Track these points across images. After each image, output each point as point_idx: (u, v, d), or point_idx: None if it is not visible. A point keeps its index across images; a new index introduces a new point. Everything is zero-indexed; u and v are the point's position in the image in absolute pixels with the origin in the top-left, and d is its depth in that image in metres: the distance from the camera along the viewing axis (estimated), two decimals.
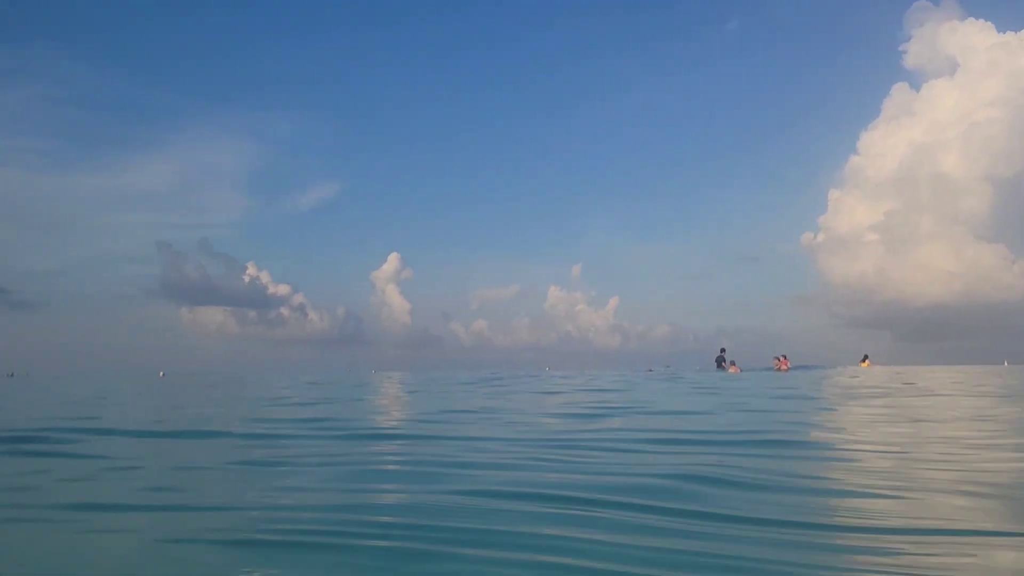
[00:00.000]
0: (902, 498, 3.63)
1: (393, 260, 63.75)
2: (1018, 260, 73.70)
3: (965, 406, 9.86)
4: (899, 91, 75.87)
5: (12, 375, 59.41)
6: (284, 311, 65.07)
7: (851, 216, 75.56)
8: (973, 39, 70.95)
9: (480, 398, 12.72)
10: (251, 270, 64.82)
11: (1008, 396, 12.04)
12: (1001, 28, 70.15)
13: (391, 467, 4.80)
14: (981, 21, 71.01)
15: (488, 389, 16.43)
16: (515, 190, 76.28)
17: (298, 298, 65.89)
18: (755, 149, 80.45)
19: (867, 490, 3.81)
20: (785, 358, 35.31)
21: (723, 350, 38.14)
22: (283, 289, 65.82)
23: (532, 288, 71.69)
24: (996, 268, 72.52)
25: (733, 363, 36.08)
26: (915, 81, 76.17)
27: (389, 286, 63.50)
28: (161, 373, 58.50)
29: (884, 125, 75.78)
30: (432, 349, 67.86)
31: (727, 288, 73.26)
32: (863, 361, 42.38)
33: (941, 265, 71.48)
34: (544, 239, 74.86)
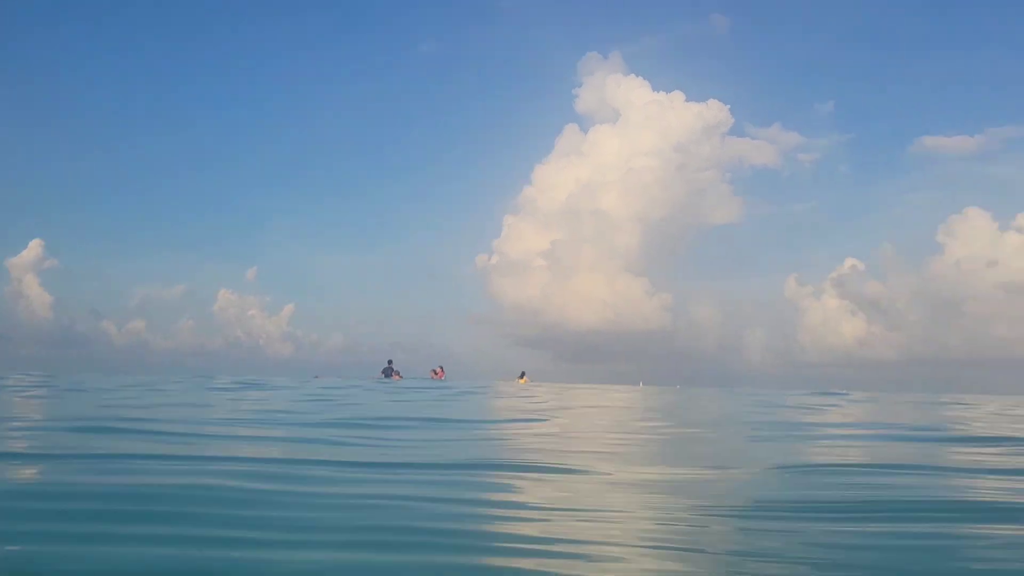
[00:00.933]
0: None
1: (35, 247, 56.84)
2: (657, 293, 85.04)
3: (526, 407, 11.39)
4: (570, 131, 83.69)
5: None
6: None
7: (522, 242, 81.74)
8: (633, 94, 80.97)
9: None
10: None
11: (556, 408, 14.13)
12: (656, 87, 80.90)
13: None
14: (640, 79, 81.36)
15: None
16: (185, 183, 71.31)
17: None
18: (442, 170, 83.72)
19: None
20: (442, 369, 38.56)
21: (390, 361, 41.29)
22: None
23: (200, 289, 67.64)
24: (640, 299, 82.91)
25: (398, 372, 39.53)
26: (584, 124, 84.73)
27: (27, 276, 56.56)
28: None
29: (556, 160, 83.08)
30: (78, 349, 61.20)
31: (407, 303, 75.10)
32: (520, 377, 45.55)
33: (597, 293, 79.82)
34: (218, 238, 70.88)
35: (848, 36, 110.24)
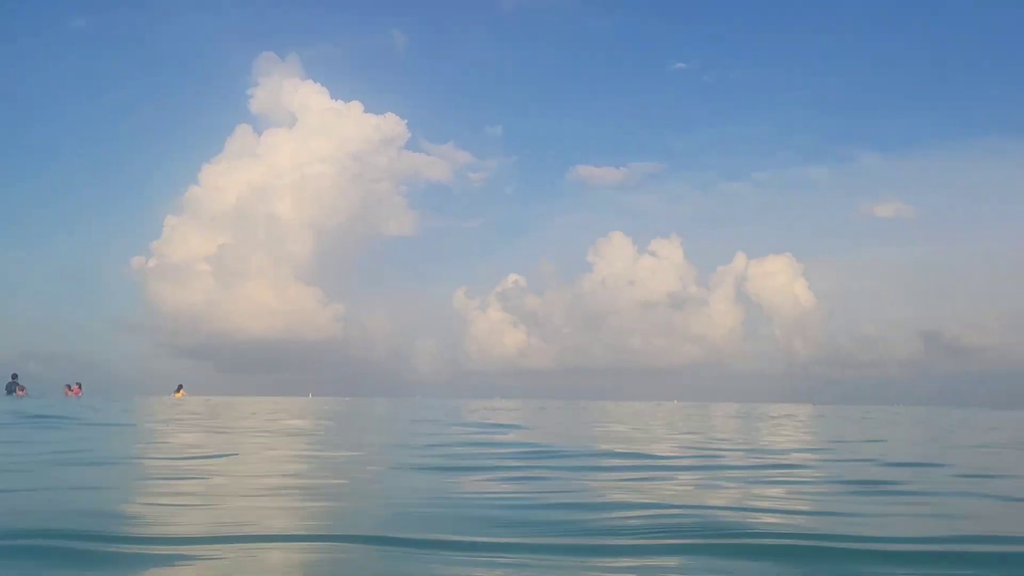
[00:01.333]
0: None
1: None
2: (331, 303, 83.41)
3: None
4: (243, 132, 79.54)
5: None
6: None
7: (186, 245, 75.69)
8: (310, 99, 78.66)
9: None
10: None
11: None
12: (335, 95, 79.55)
13: None
14: (318, 85, 79.44)
15: None
16: None
17: None
18: (92, 161, 75.07)
19: None
20: (78, 386, 36.51)
21: (15, 375, 38.38)
22: None
23: None
24: (312, 309, 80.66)
25: (22, 387, 36.54)
26: (258, 126, 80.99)
27: None
28: None
29: (226, 161, 78.35)
30: None
31: (44, 308, 65.99)
32: (177, 391, 42.06)
33: (266, 301, 76.35)
34: None
35: (518, 66, 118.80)
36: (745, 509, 4.73)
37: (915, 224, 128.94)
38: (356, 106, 79.92)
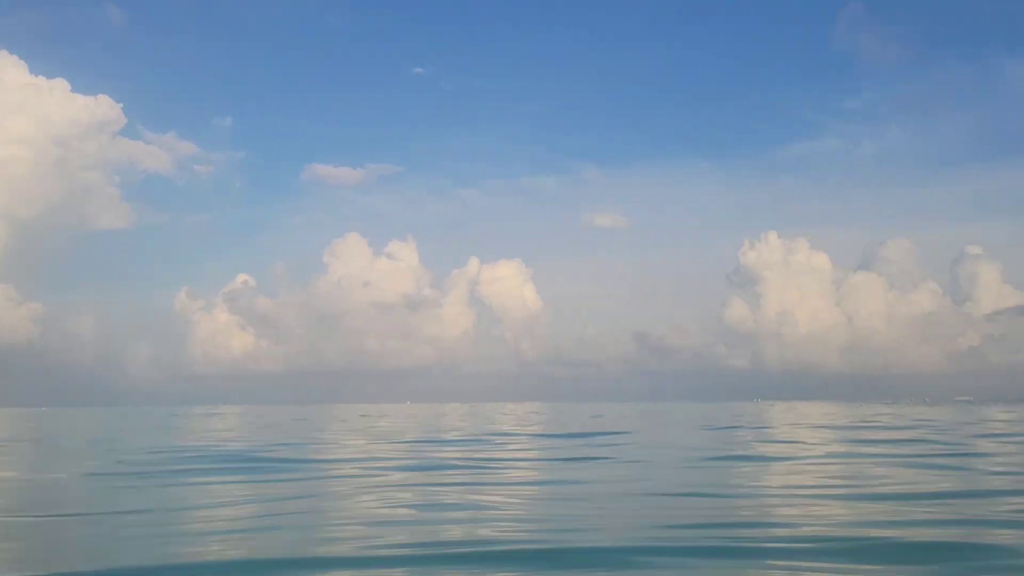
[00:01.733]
0: None
1: None
2: (25, 302, 73.82)
3: None
4: None
5: None
6: None
7: None
8: (5, 73, 69.16)
9: None
10: None
11: None
12: (35, 70, 70.64)
13: None
14: (15, 57, 70.01)
15: None
16: None
17: None
18: None
19: None
20: None
21: None
22: None
23: None
24: (2, 308, 70.94)
25: None
26: None
27: None
28: None
29: None
30: None
31: None
32: None
33: None
34: None
35: (251, 56, 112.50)
36: None
37: (629, 234, 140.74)
38: (61, 84, 71.56)
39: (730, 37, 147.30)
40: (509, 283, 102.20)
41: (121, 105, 73.73)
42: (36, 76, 69.71)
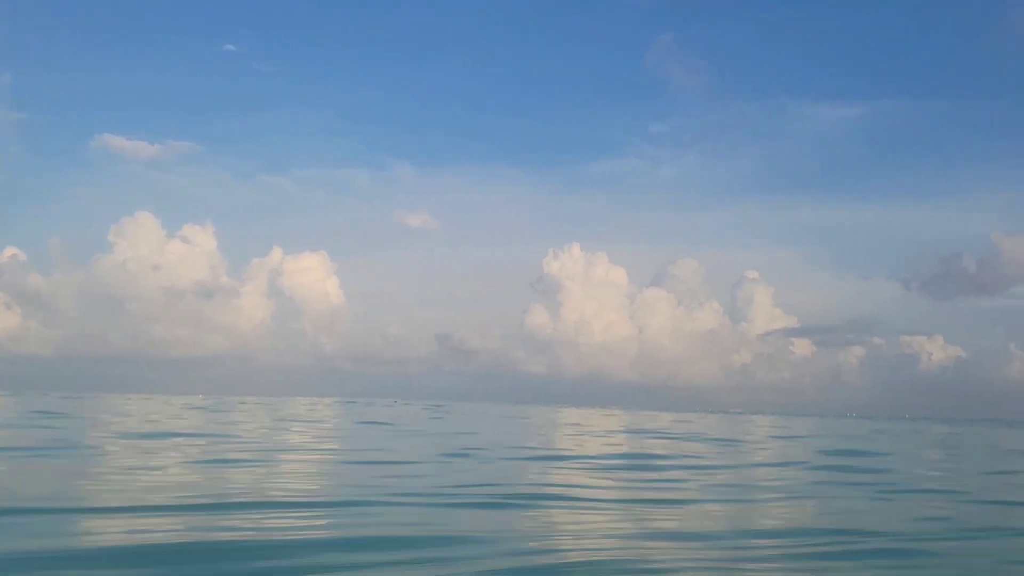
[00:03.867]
0: None
1: None
2: None
3: None
4: None
5: None
6: None
7: None
8: None
9: None
10: None
11: None
12: None
13: None
14: None
15: None
16: None
17: None
18: None
19: None
20: None
21: None
22: None
23: None
24: None
25: None
26: None
27: None
28: None
29: None
30: None
31: None
32: None
33: None
34: None
35: (41, 8, 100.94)
36: None
37: (439, 235, 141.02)
38: None
39: (550, 54, 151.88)
40: (312, 276, 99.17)
41: None
42: None
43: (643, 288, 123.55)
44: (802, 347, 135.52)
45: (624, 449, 20.45)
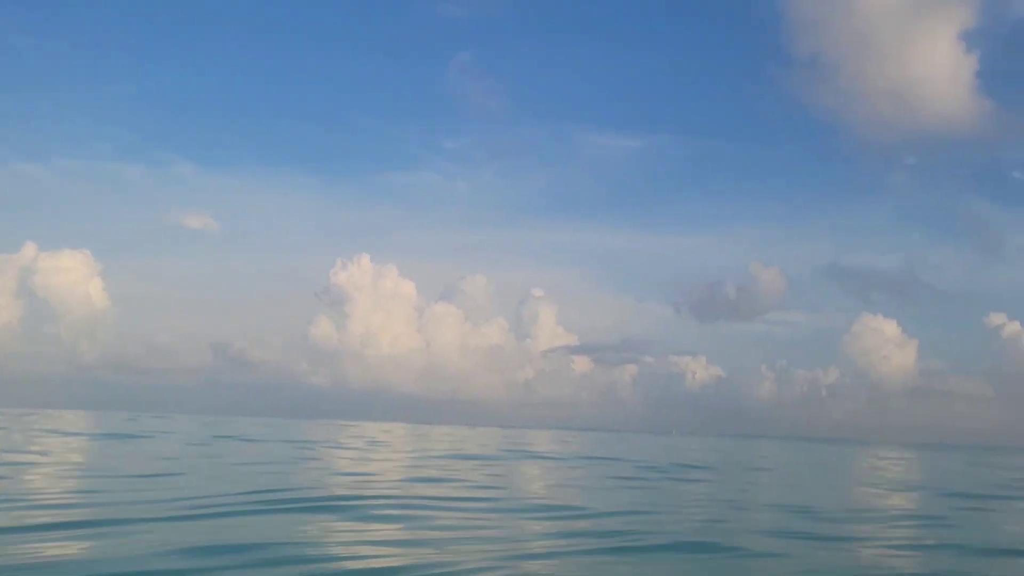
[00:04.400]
0: None
1: None
2: None
3: None
4: None
5: None
6: None
7: None
8: None
9: None
10: None
11: None
12: None
13: None
14: None
15: None
16: None
17: None
18: None
19: None
20: None
21: None
22: None
23: None
24: None
25: None
26: None
27: None
28: None
29: None
30: None
31: None
32: None
33: None
34: None
35: None
36: None
37: (220, 239, 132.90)
38: None
39: (346, 63, 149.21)
40: (72, 276, 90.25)
41: None
42: None
43: (432, 302, 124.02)
44: (581, 364, 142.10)
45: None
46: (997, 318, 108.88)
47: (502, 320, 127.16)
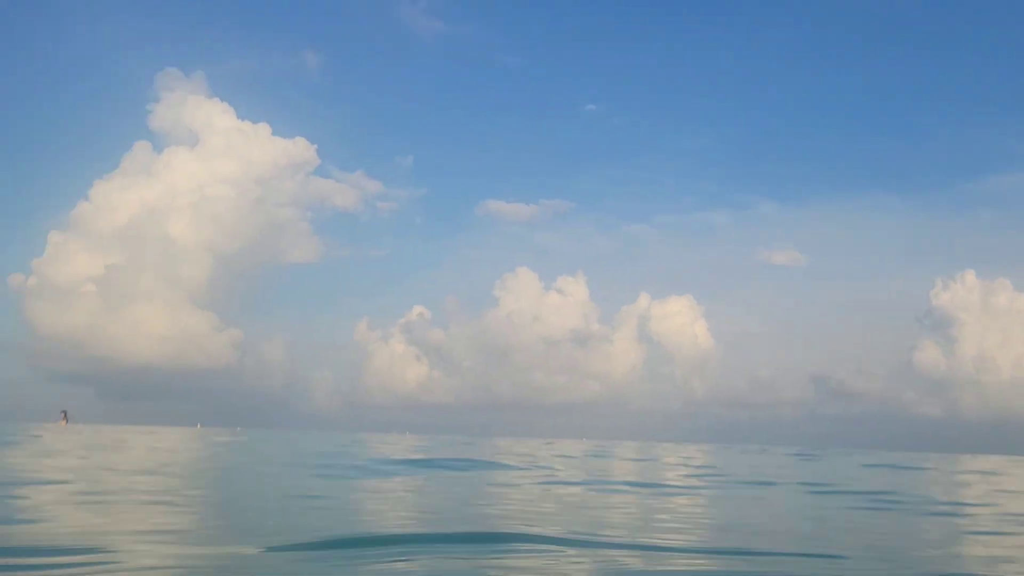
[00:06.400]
0: None
1: None
2: (226, 328, 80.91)
3: None
4: (141, 149, 77.21)
5: None
6: None
7: (71, 264, 72.40)
8: (215, 118, 76.82)
9: None
10: None
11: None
12: (241, 116, 77.99)
13: None
14: (224, 104, 77.69)
15: None
16: None
17: None
18: None
19: None
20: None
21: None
22: None
23: None
24: (205, 334, 78.05)
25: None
26: (158, 143, 78.55)
27: None
28: None
29: (120, 178, 75.85)
30: None
31: None
32: (62, 418, 41.00)
33: (155, 326, 73.62)
34: None
35: (431, 96, 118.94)
36: None
37: (806, 272, 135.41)
38: (264, 128, 78.39)
39: (917, 68, 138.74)
40: (679, 320, 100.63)
41: (315, 146, 79.36)
42: (242, 121, 76.69)
43: None
44: None
45: None
46: None
47: None
